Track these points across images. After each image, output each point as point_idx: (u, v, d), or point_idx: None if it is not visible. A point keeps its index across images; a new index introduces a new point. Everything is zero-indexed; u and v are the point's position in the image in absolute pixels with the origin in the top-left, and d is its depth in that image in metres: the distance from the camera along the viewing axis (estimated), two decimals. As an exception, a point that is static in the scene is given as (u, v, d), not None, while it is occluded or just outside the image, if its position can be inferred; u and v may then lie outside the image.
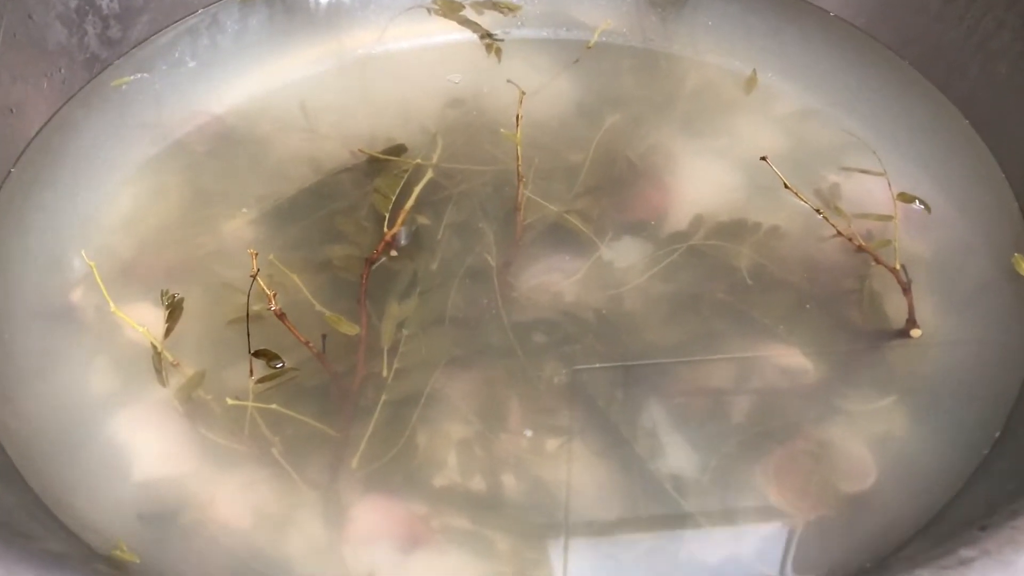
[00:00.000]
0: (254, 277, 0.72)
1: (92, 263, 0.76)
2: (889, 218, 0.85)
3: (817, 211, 0.83)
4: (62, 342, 0.80)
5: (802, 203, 0.82)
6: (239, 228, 0.89)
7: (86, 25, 0.97)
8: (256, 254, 0.73)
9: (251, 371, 0.73)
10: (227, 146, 0.96)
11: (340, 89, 1.02)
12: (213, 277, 0.85)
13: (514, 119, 0.84)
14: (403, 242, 0.87)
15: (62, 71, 0.95)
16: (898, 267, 0.80)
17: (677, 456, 0.73)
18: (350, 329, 0.76)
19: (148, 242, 0.88)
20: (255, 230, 0.88)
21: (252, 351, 0.72)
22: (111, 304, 0.75)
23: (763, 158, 0.84)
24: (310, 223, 0.89)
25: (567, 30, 1.09)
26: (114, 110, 0.97)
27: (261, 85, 1.02)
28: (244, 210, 0.89)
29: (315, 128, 0.97)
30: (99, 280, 0.76)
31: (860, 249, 0.83)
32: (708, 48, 1.08)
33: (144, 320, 0.80)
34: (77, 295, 0.83)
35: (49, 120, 0.94)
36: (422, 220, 0.88)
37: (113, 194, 0.92)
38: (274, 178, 0.93)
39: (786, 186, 0.83)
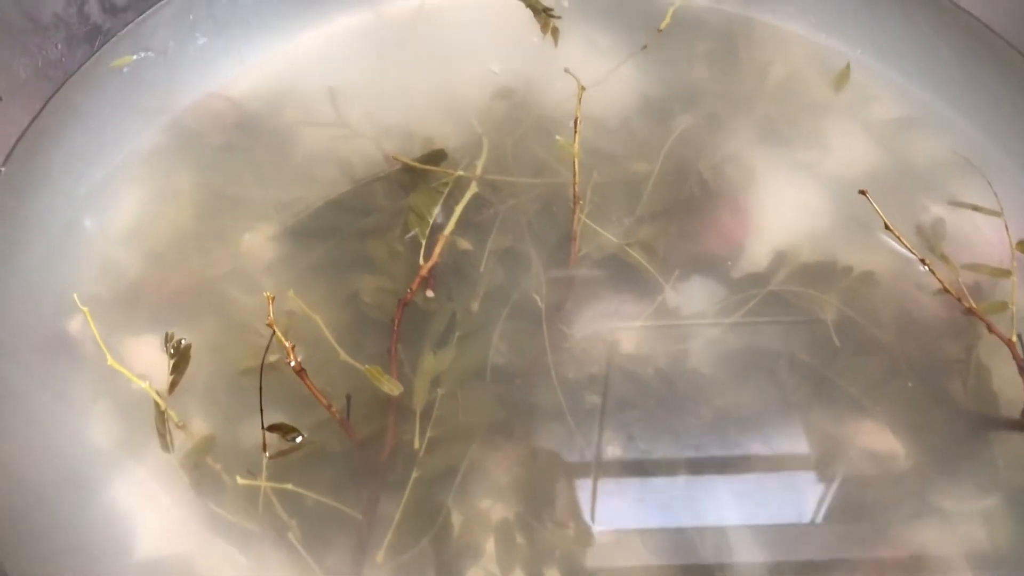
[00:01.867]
0: (272, 327, 0.63)
1: (85, 308, 0.67)
2: (1006, 273, 0.73)
3: (922, 262, 0.72)
4: (58, 380, 0.72)
5: (899, 240, 0.71)
6: (258, 245, 0.79)
7: (87, -9, 0.85)
8: (273, 298, 0.63)
9: (264, 446, 0.64)
10: (246, 139, 0.85)
11: (373, 72, 0.90)
12: (227, 305, 0.75)
13: (567, 115, 0.72)
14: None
15: (59, 47, 0.84)
16: (1015, 339, 0.69)
17: (746, 561, 0.64)
18: (391, 388, 0.67)
19: (156, 256, 0.78)
20: (275, 248, 0.78)
21: (267, 425, 0.63)
22: (108, 357, 0.66)
23: (862, 192, 0.72)
24: (337, 242, 0.78)
25: (634, 3, 0.95)
26: (119, 93, 0.86)
27: (284, 65, 0.90)
28: (264, 223, 0.79)
29: (345, 119, 0.86)
30: (94, 328, 0.67)
31: (969, 312, 0.71)
32: (793, 23, 0.94)
33: (149, 359, 0.71)
34: (76, 324, 0.74)
35: (44, 106, 0.83)
36: (463, 245, 0.78)
37: (118, 195, 0.82)
38: (298, 181, 0.82)
39: (887, 227, 0.72)
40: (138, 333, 0.74)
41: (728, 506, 0.66)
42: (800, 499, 0.67)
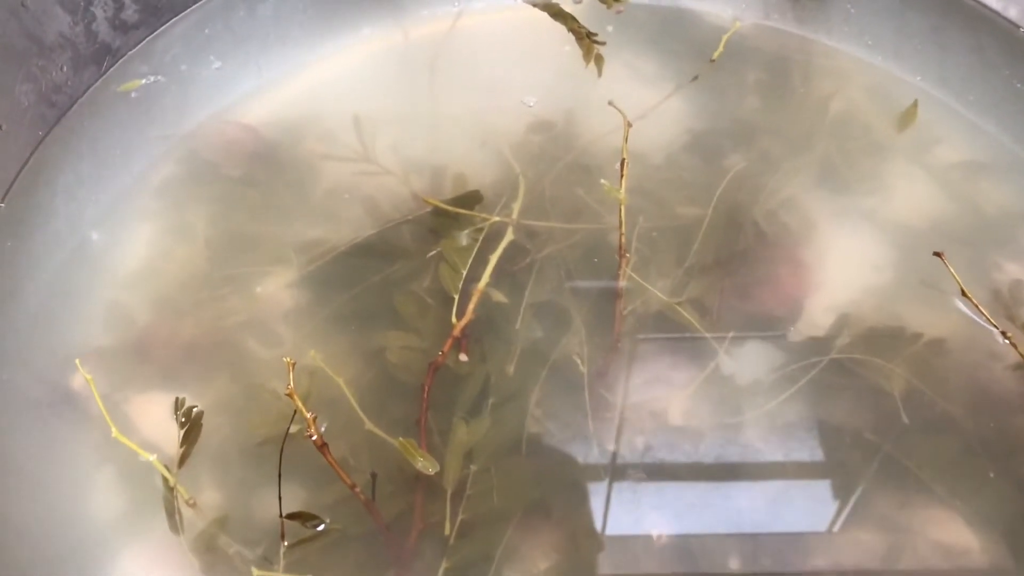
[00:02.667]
0: (292, 396, 0.57)
1: (89, 377, 0.61)
2: (1093, 349, 0.67)
3: (1004, 335, 0.66)
4: (59, 443, 0.66)
5: (977, 309, 0.66)
6: (276, 291, 0.73)
7: (94, 8, 0.79)
8: (294, 364, 0.57)
9: (282, 534, 0.59)
10: (265, 170, 0.79)
11: (400, 98, 0.84)
12: (242, 359, 0.70)
13: (608, 149, 0.67)
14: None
15: (64, 69, 0.78)
16: (1103, 425, 0.64)
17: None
18: (426, 466, 0.61)
19: (168, 302, 0.72)
20: (295, 296, 0.73)
21: (286, 514, 0.57)
22: (114, 429, 0.60)
23: (937, 254, 0.67)
24: (362, 291, 0.72)
25: (681, 27, 0.89)
26: (127, 119, 0.80)
27: (305, 89, 0.84)
28: (282, 267, 0.73)
29: (370, 150, 0.79)
30: (98, 399, 0.61)
31: (1053, 391, 0.65)
32: (848, 44, 0.87)
33: (157, 420, 0.66)
34: (80, 378, 0.68)
35: (47, 135, 0.77)
36: (497, 297, 0.72)
37: (126, 232, 0.76)
38: (320, 219, 0.76)
39: (964, 293, 0.66)
40: (145, 390, 0.68)
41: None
42: (865, 597, 0.61)
